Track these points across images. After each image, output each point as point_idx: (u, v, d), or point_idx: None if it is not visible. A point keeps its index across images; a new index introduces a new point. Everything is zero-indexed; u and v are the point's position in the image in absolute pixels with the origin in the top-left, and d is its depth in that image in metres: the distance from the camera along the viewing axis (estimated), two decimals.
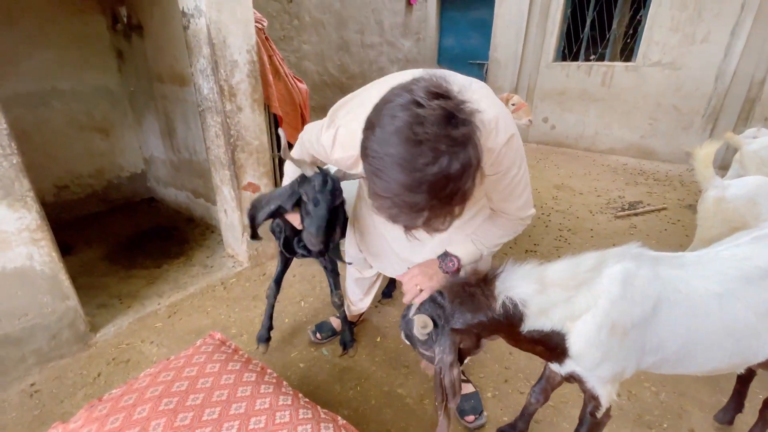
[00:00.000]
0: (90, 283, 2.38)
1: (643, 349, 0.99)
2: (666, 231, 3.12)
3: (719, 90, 4.37)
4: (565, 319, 0.96)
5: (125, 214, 3.37)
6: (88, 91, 3.10)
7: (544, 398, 1.33)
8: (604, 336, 0.94)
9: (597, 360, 0.97)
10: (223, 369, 1.13)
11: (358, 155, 0.83)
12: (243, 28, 2.10)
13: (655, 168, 4.75)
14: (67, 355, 1.87)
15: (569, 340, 0.97)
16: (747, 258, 1.00)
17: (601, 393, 1.06)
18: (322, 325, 2.00)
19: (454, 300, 1.00)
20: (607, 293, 0.93)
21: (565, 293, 0.95)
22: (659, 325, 0.96)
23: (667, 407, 1.61)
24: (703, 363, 1.04)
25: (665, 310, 0.96)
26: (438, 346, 1.01)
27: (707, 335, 0.98)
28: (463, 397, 1.59)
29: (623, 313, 0.93)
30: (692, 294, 0.96)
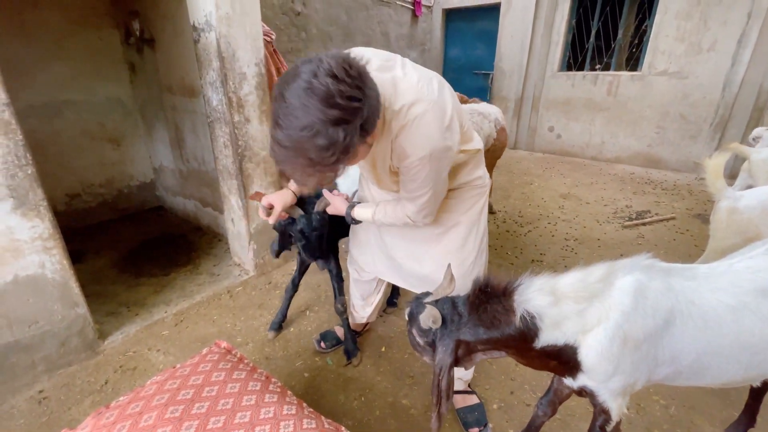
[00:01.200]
0: (99, 291, 2.41)
1: (656, 362, 0.98)
2: (675, 241, 3.09)
3: (727, 99, 4.35)
4: (578, 332, 0.95)
5: (134, 223, 3.42)
6: (100, 103, 3.17)
7: (551, 411, 1.32)
8: (616, 348, 0.93)
9: (609, 373, 0.97)
10: (229, 377, 1.14)
11: None
12: (252, 42, 2.15)
13: (663, 177, 4.72)
14: (76, 362, 1.89)
15: (581, 353, 0.96)
16: (762, 270, 0.99)
17: (611, 406, 1.05)
18: (326, 334, 2.00)
19: (472, 313, 0.99)
20: (619, 305, 0.92)
21: (577, 306, 0.94)
22: (672, 338, 0.96)
23: (677, 421, 1.58)
24: (717, 376, 1.03)
25: (678, 322, 0.95)
26: (440, 345, 1.01)
27: (722, 348, 0.97)
28: (467, 409, 1.58)
29: (635, 325, 0.93)
30: (706, 306, 0.95)
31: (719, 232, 1.88)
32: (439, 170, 1.10)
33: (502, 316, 0.96)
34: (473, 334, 0.99)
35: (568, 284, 0.96)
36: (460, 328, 0.99)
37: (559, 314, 0.94)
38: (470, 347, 1.02)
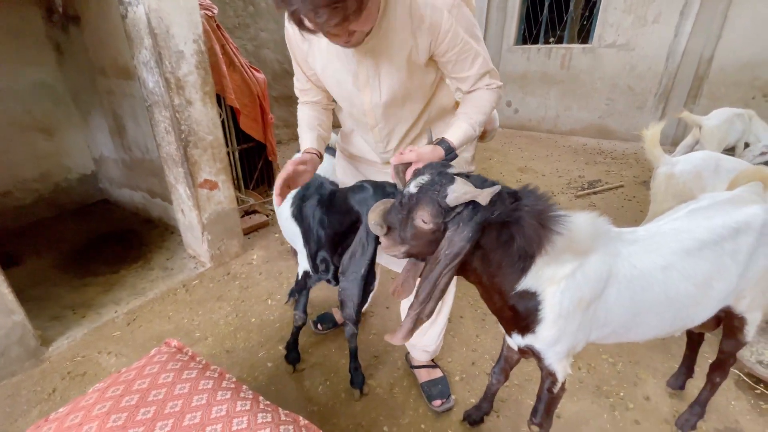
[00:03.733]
0: (41, 295, 2.24)
1: (597, 323, 1.03)
2: (623, 208, 3.26)
3: (670, 69, 4.55)
4: (546, 281, 0.92)
5: (77, 219, 3.18)
6: (25, 89, 2.87)
7: (504, 377, 1.37)
8: (572, 308, 0.95)
9: (559, 334, 0.99)
10: (178, 378, 1.09)
11: None
12: (187, 17, 1.99)
13: (613, 147, 4.93)
14: (19, 371, 1.76)
15: (543, 308, 0.95)
16: (685, 231, 1.05)
17: (557, 368, 1.10)
18: (324, 316, 1.99)
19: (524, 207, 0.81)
20: (587, 267, 0.94)
21: (571, 257, 0.91)
22: (616, 300, 1.00)
23: (624, 376, 1.69)
24: (647, 332, 1.10)
25: (623, 286, 0.99)
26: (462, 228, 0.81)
27: (653, 306, 1.03)
28: (431, 383, 1.61)
29: (590, 287, 0.95)
30: (644, 269, 1.00)
31: (658, 196, 1.99)
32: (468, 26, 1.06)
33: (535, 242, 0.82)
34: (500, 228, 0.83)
35: (578, 231, 0.88)
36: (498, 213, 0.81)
37: (554, 259, 0.89)
38: (479, 246, 0.86)
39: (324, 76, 1.18)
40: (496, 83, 1.15)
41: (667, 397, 1.60)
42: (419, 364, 1.68)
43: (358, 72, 1.09)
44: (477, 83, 1.14)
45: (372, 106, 1.16)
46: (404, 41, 1.04)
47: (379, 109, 1.16)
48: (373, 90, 1.12)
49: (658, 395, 1.60)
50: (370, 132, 1.25)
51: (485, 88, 1.14)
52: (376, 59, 1.07)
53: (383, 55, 1.06)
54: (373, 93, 1.13)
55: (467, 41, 1.06)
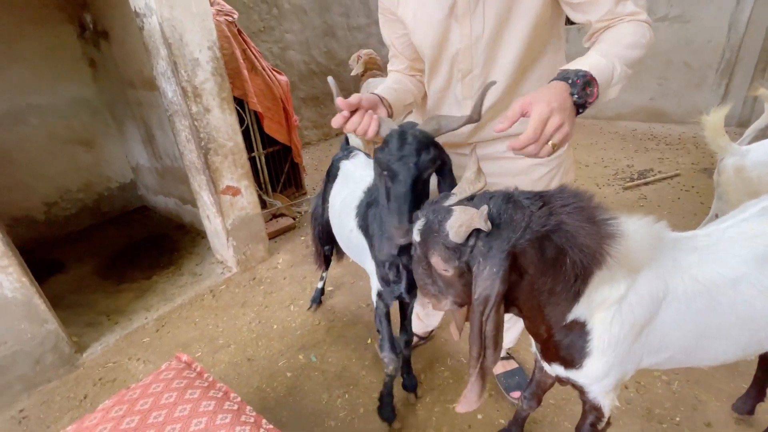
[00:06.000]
0: (79, 301, 2.35)
1: (650, 348, 0.86)
2: (679, 200, 2.92)
3: (733, 41, 4.03)
4: (598, 304, 0.77)
5: (118, 226, 3.34)
6: (65, 104, 3.03)
7: (536, 402, 1.22)
8: (624, 334, 0.79)
9: (609, 365, 0.84)
10: (180, 399, 1.05)
11: None
12: (200, 23, 1.97)
13: (667, 131, 4.47)
14: (54, 378, 1.84)
15: (592, 339, 0.80)
16: (757, 234, 0.85)
17: (603, 403, 0.94)
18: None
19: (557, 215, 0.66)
20: (641, 284, 0.78)
21: (625, 274, 0.75)
22: (669, 322, 0.83)
23: (680, 398, 1.48)
24: (711, 358, 0.91)
25: (678, 304, 0.82)
26: (486, 263, 0.66)
27: (720, 329, 0.85)
28: (507, 374, 1.55)
29: (646, 309, 0.79)
30: (708, 282, 0.82)
31: (729, 195, 1.71)
32: None
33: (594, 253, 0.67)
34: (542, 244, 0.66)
35: (632, 243, 0.74)
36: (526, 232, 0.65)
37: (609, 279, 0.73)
38: (522, 273, 0.69)
39: (416, 26, 1.00)
40: (643, 16, 0.84)
41: (733, 423, 1.37)
42: None
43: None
44: (612, 11, 0.83)
45: (473, 40, 0.94)
46: None
47: (482, 43, 0.94)
48: (476, 18, 0.91)
49: (721, 421, 1.38)
50: (459, 84, 1.03)
51: (628, 20, 0.83)
52: None
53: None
54: (474, 22, 0.92)
55: None
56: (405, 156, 0.86)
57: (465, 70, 1.00)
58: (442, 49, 1.00)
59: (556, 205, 0.66)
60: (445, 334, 1.87)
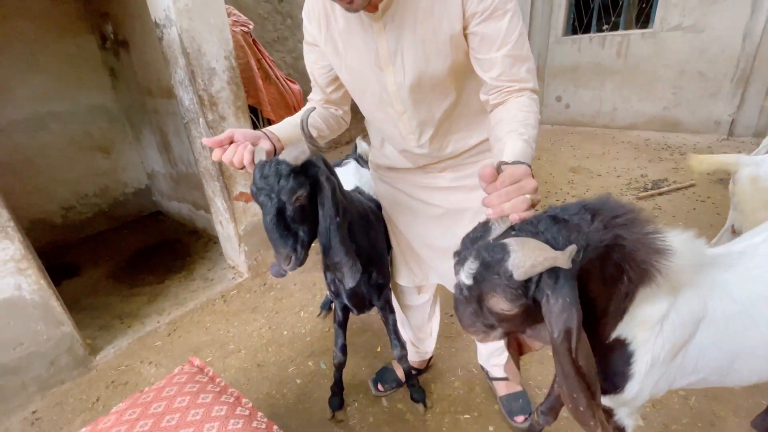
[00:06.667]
0: (94, 304, 2.39)
1: (684, 371, 0.83)
2: (694, 210, 2.87)
3: (748, 51, 3.99)
4: (641, 325, 0.73)
5: (132, 230, 3.40)
6: (84, 111, 3.12)
7: (553, 417, 1.20)
8: (664, 356, 0.76)
9: (643, 387, 0.81)
10: (193, 403, 1.06)
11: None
12: (218, 34, 2.02)
13: (682, 141, 4.42)
14: (68, 380, 1.86)
15: (635, 360, 0.76)
16: None
17: (627, 423, 0.92)
18: (384, 373, 1.68)
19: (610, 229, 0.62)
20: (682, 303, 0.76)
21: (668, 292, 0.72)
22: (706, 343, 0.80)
23: (698, 414, 1.44)
24: (745, 378, 0.88)
25: (716, 325, 0.79)
26: (559, 297, 0.59)
27: (756, 348, 0.82)
28: (511, 397, 1.50)
29: (685, 329, 0.77)
30: (745, 302, 0.79)
31: (745, 205, 1.67)
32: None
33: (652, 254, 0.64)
34: (603, 260, 0.62)
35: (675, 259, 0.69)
36: (585, 251, 0.60)
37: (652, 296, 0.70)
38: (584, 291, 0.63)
39: (343, 65, 1.02)
40: (531, 81, 0.91)
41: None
42: (498, 377, 1.56)
43: (378, 48, 0.94)
44: (508, 72, 0.89)
45: (397, 87, 0.98)
46: (432, 4, 0.87)
47: (405, 90, 0.98)
48: (396, 68, 0.96)
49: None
50: (399, 122, 1.07)
51: (516, 95, 0.90)
52: (398, 31, 0.91)
53: (405, 26, 0.90)
54: (396, 72, 0.96)
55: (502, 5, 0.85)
56: (265, 188, 0.90)
57: (399, 110, 1.04)
58: (373, 92, 1.04)
59: (607, 217, 0.62)
60: (457, 344, 1.85)
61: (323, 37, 1.01)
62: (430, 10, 0.88)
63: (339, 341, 1.46)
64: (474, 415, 1.52)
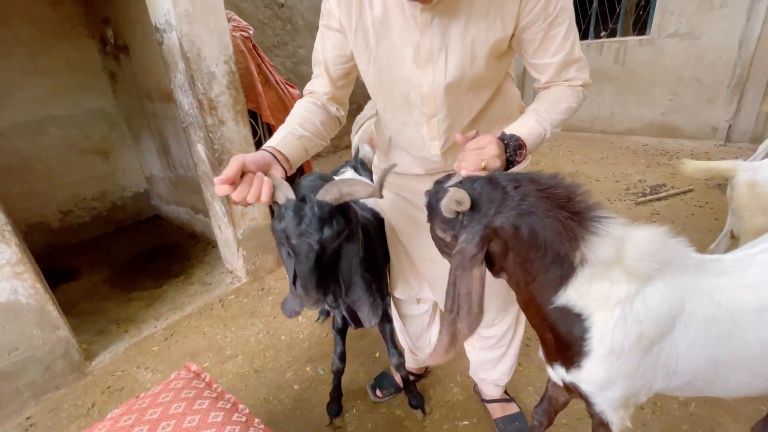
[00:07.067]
0: (91, 309, 2.37)
1: (666, 371, 0.84)
2: (693, 216, 2.88)
3: (744, 57, 4.02)
4: (599, 302, 0.77)
5: (130, 234, 3.38)
6: (84, 115, 3.12)
7: (547, 420, 1.19)
8: (629, 344, 0.78)
9: (612, 374, 0.82)
10: (189, 409, 1.04)
11: None
12: (218, 39, 2.03)
13: (679, 146, 4.44)
14: (63, 385, 1.85)
15: (591, 337, 0.79)
16: None
17: (612, 419, 0.91)
18: (382, 379, 1.67)
19: (529, 197, 0.72)
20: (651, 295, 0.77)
21: (623, 278, 0.76)
22: (685, 344, 0.81)
23: (698, 420, 1.43)
24: (733, 389, 0.88)
25: (696, 325, 0.80)
26: (464, 233, 0.75)
27: (742, 358, 0.82)
28: (507, 419, 1.46)
29: (655, 323, 0.78)
30: (732, 309, 0.79)
31: (743, 211, 1.68)
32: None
33: (565, 237, 0.71)
34: (515, 223, 0.72)
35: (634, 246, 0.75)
36: (501, 210, 0.72)
37: (600, 275, 0.75)
38: (506, 246, 0.76)
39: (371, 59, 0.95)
40: (581, 78, 0.93)
41: None
42: (492, 398, 1.52)
43: (421, 44, 0.88)
44: (558, 75, 0.92)
45: (433, 87, 0.93)
46: (488, 5, 0.84)
47: (441, 91, 0.93)
48: (437, 67, 0.91)
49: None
50: (423, 127, 1.01)
51: (565, 84, 0.93)
52: (446, 27, 0.87)
53: (455, 23, 0.86)
54: (436, 71, 0.91)
55: (562, 12, 0.85)
56: (304, 233, 0.80)
57: (429, 114, 0.98)
58: (401, 92, 0.98)
59: (532, 188, 0.73)
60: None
61: (353, 24, 0.92)
62: (485, 11, 0.85)
63: (338, 348, 1.45)
64: (473, 422, 1.51)
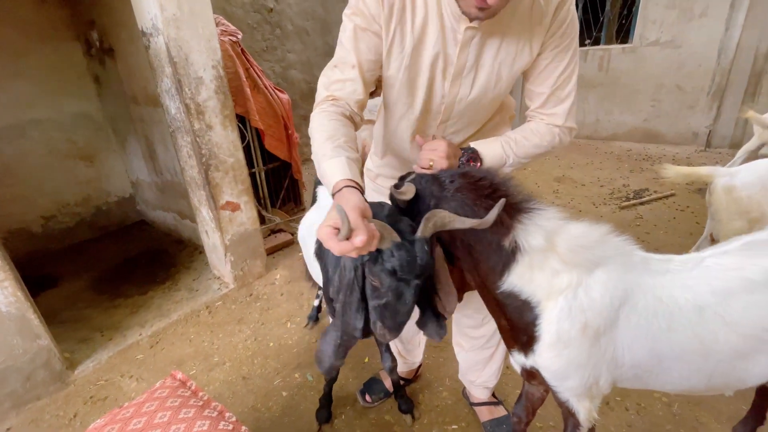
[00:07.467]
0: (73, 316, 2.32)
1: (615, 362, 0.88)
2: (674, 219, 2.95)
3: (723, 65, 4.15)
4: (544, 291, 0.83)
5: (115, 240, 3.32)
6: (67, 119, 3.06)
7: (526, 416, 1.21)
8: (575, 333, 0.83)
9: (564, 363, 0.87)
10: (174, 418, 1.03)
11: None
12: (206, 44, 2.02)
13: (661, 151, 4.55)
14: (44, 395, 1.80)
15: (540, 323, 0.85)
16: (735, 268, 0.86)
17: (578, 409, 0.95)
18: (372, 384, 1.66)
19: (463, 191, 0.80)
20: (589, 290, 0.82)
21: (560, 267, 0.81)
22: (634, 337, 0.86)
23: (681, 420, 1.46)
24: (676, 383, 0.93)
25: (643, 320, 0.84)
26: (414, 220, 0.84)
27: (683, 353, 0.86)
28: (495, 422, 1.47)
29: (598, 314, 0.83)
30: (672, 305, 0.84)
31: (721, 215, 1.74)
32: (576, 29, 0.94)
33: (497, 228, 0.79)
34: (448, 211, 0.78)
35: (567, 238, 0.81)
36: (438, 201, 0.82)
37: (539, 263, 0.81)
38: (451, 233, 0.84)
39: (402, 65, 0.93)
40: (561, 118, 0.99)
41: None
42: (480, 401, 1.53)
43: (457, 59, 0.90)
44: (544, 106, 0.99)
45: (456, 100, 0.97)
46: (521, 33, 0.89)
47: (462, 104, 0.98)
48: (465, 82, 0.94)
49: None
50: (433, 128, 1.05)
51: (545, 121, 1.01)
52: (481, 47, 0.89)
53: (490, 44, 0.89)
54: (463, 86, 0.95)
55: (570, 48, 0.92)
56: (411, 279, 0.77)
57: (443, 118, 1.03)
58: (425, 100, 0.99)
59: (463, 182, 0.82)
60: (445, 354, 1.85)
61: (392, 27, 0.89)
62: (517, 37, 0.90)
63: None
64: (462, 426, 1.52)
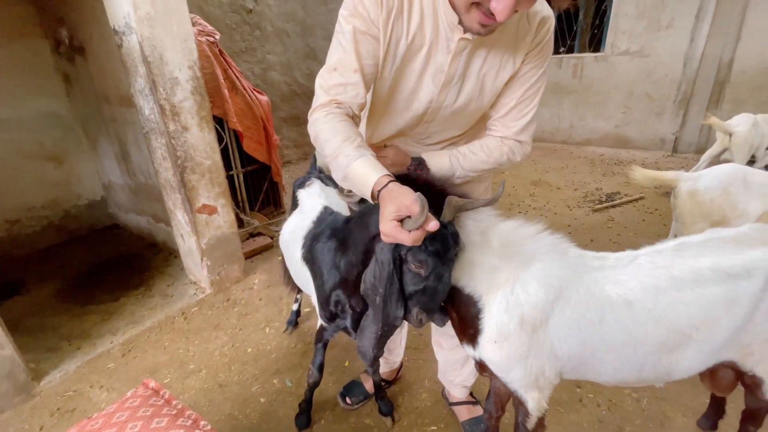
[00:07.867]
0: (39, 325, 2.22)
1: (554, 354, 0.93)
2: (644, 221, 3.06)
3: (688, 74, 4.36)
4: (484, 285, 0.91)
5: (85, 245, 3.20)
6: (34, 119, 2.94)
7: (496, 411, 1.24)
8: (513, 327, 0.89)
9: (506, 355, 0.92)
10: (146, 428, 1.00)
11: None
12: (182, 44, 1.98)
13: (632, 156, 4.72)
14: (8, 407, 1.71)
15: (483, 317, 0.92)
16: (665, 267, 0.91)
17: (526, 398, 0.99)
18: (352, 387, 1.66)
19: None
20: (526, 285, 0.89)
21: (497, 262, 0.89)
22: (563, 328, 0.91)
23: (649, 415, 1.52)
24: (608, 374, 0.98)
25: (571, 311, 0.90)
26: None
27: (615, 345, 0.92)
28: (473, 421, 1.50)
29: (534, 308, 0.88)
30: (604, 299, 0.89)
31: (685, 217, 1.83)
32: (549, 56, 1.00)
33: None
34: None
35: (499, 233, 0.90)
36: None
37: (479, 259, 0.89)
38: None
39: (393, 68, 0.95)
40: (514, 134, 1.03)
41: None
42: (458, 401, 1.55)
43: (447, 69, 0.93)
44: (505, 118, 1.03)
45: (443, 106, 1.01)
46: (506, 47, 0.93)
47: (448, 111, 1.02)
48: (451, 91, 0.98)
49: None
50: (417, 125, 1.07)
51: (499, 136, 1.05)
52: (470, 58, 0.93)
53: (477, 56, 0.93)
54: (450, 94, 0.98)
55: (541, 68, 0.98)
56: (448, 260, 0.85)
57: (427, 119, 1.06)
58: (412, 102, 1.01)
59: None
60: (424, 356, 1.87)
61: (389, 29, 0.89)
62: (502, 51, 0.94)
63: (318, 359, 1.44)
64: (441, 426, 1.53)
